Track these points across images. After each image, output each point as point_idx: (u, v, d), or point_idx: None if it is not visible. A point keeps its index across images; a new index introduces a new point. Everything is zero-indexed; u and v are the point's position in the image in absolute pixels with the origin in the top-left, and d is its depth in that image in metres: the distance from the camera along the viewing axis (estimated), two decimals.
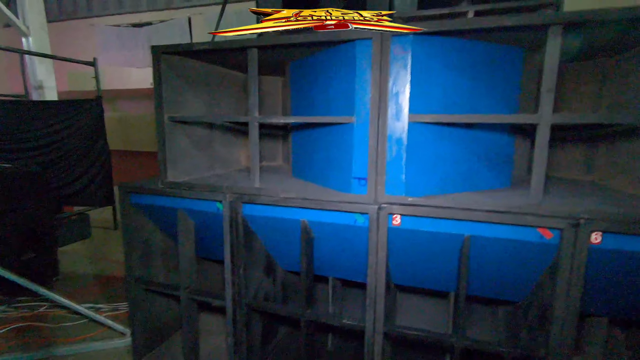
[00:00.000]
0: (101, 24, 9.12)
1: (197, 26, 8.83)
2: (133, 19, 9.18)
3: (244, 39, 1.59)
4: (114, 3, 9.11)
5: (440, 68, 1.47)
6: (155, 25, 9.00)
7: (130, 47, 9.24)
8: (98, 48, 9.31)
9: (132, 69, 9.41)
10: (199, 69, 1.94)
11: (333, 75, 1.58)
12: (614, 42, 1.48)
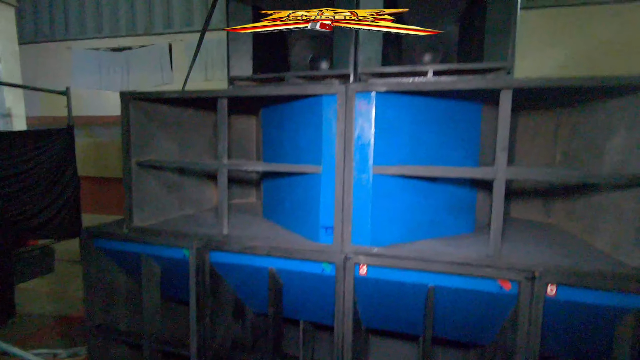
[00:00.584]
0: (78, 47, 9.04)
1: (178, 52, 8.87)
2: (112, 43, 9.15)
3: (214, 89, 1.62)
4: (92, 27, 9.08)
5: (403, 121, 1.53)
6: (134, 50, 8.99)
7: (109, 70, 9.17)
8: (74, 71, 9.19)
9: (109, 92, 9.30)
10: (170, 112, 1.95)
11: (302, 125, 1.62)
12: (562, 99, 1.60)
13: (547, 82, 1.28)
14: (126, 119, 1.75)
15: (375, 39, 1.61)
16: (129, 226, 1.82)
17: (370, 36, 1.59)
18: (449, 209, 1.74)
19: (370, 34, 1.59)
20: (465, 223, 1.82)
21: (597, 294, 1.32)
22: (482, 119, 1.79)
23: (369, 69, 1.56)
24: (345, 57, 1.57)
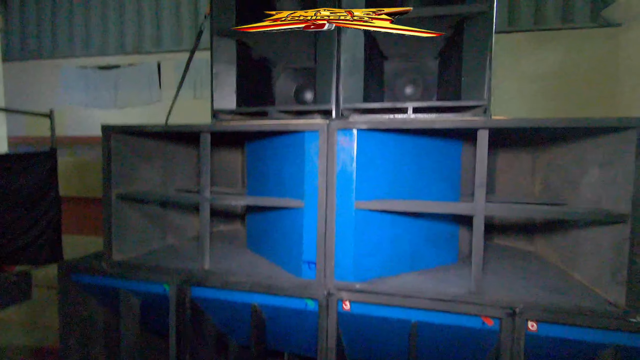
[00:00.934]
0: (66, 65, 9.00)
1: (167, 70, 8.89)
2: (100, 61, 9.13)
3: (197, 124, 1.62)
4: (81, 45, 9.06)
5: (384, 157, 1.55)
6: (123, 69, 8.99)
7: (96, 88, 9.12)
8: (62, 89, 9.11)
9: (96, 111, 9.23)
10: (153, 144, 1.94)
11: (285, 160, 1.62)
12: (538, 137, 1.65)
13: (521, 122, 1.32)
14: (107, 151, 1.73)
15: (356, 72, 1.64)
16: (107, 260, 1.78)
17: (351, 70, 1.63)
18: (431, 240, 1.75)
19: (351, 67, 1.62)
20: (447, 254, 1.83)
21: (576, 330, 1.33)
22: (463, 150, 1.83)
23: (350, 105, 1.58)
24: (328, 92, 1.60)
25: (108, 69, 9.14)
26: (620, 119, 1.25)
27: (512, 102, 7.50)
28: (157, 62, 8.94)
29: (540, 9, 7.45)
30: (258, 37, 1.76)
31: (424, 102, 1.52)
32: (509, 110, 7.39)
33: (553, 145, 1.76)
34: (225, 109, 1.75)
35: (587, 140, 1.48)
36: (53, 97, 9.37)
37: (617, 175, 1.35)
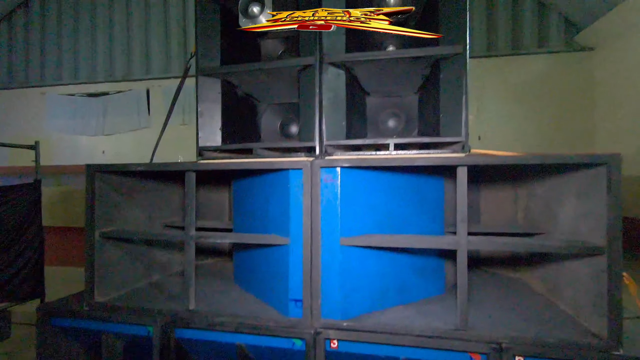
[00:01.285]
0: (53, 92, 8.99)
1: (155, 96, 8.96)
2: (89, 88, 9.17)
3: (181, 162, 1.63)
4: (69, 73, 9.10)
5: (368, 193, 1.57)
6: (112, 95, 9.02)
7: (83, 115, 9.10)
8: (48, 116, 9.07)
9: (83, 138, 9.18)
10: (138, 182, 1.93)
11: (271, 197, 1.64)
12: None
13: (497, 159, 1.36)
14: (91, 191, 1.72)
15: (339, 110, 1.68)
16: (89, 302, 1.73)
17: (334, 108, 1.67)
18: (417, 272, 1.76)
19: (334, 105, 1.67)
20: (434, 285, 1.83)
21: None
22: (447, 181, 1.87)
23: (334, 142, 1.62)
24: (311, 130, 1.63)
25: (96, 95, 9.17)
26: (592, 156, 1.30)
27: (497, 123, 7.73)
28: (146, 89, 9.01)
29: (517, 35, 7.81)
30: (243, 76, 1.80)
31: (404, 138, 1.56)
32: (495, 132, 7.60)
33: (532, 177, 1.82)
34: (210, 146, 1.77)
35: (563, 173, 1.53)
36: (40, 125, 9.31)
37: (592, 207, 1.40)
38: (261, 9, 1.70)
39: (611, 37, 6.81)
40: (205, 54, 1.79)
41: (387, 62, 1.63)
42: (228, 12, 1.84)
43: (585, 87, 7.47)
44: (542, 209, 1.77)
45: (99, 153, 9.26)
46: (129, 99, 8.89)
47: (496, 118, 7.69)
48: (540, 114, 7.58)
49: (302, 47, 1.70)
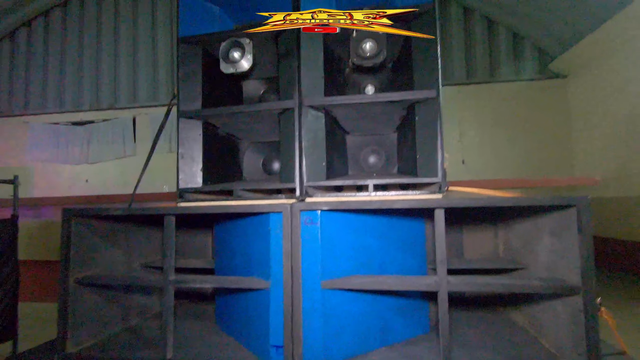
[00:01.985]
0: (36, 121, 8.90)
1: (142, 125, 8.94)
2: (74, 117, 9.11)
3: (161, 206, 1.62)
4: (54, 102, 9.05)
5: (348, 234, 1.58)
6: (97, 124, 8.97)
7: (67, 144, 9.00)
8: (30, 145, 8.94)
9: (66, 166, 9.04)
10: (117, 224, 1.90)
11: (251, 240, 1.62)
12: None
13: (474, 201, 1.39)
14: (67, 236, 1.68)
15: (319, 151, 1.70)
16: (60, 354, 1.65)
17: (314, 150, 1.69)
18: (400, 312, 1.74)
19: (314, 147, 1.69)
20: (418, 324, 1.82)
21: None
22: (427, 219, 1.89)
23: (314, 183, 1.63)
24: (291, 171, 1.64)
25: (81, 124, 9.11)
26: (562, 198, 1.34)
27: (480, 147, 7.93)
28: (132, 117, 9.00)
29: (494, 63, 8.16)
30: (224, 118, 1.83)
31: (383, 179, 1.59)
32: (478, 155, 7.78)
33: (510, 213, 1.85)
34: (191, 187, 1.76)
35: (537, 213, 1.57)
36: (21, 154, 9.14)
37: (566, 246, 1.43)
38: (242, 54, 1.75)
39: (581, 66, 7.17)
40: (187, 97, 1.81)
41: (364, 105, 1.68)
42: (210, 56, 1.88)
43: (561, 112, 7.79)
44: (522, 245, 1.80)
45: (82, 182, 9.12)
46: (114, 127, 8.86)
47: (478, 142, 7.91)
48: (519, 138, 7.83)
49: (282, 90, 1.74)
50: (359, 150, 2.05)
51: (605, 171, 6.60)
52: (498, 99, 8.07)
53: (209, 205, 1.60)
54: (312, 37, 1.73)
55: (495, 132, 7.94)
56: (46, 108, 9.17)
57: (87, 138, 8.91)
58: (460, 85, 7.98)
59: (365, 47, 1.71)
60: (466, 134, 8.08)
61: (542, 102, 7.90)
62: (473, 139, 8.03)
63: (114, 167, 8.92)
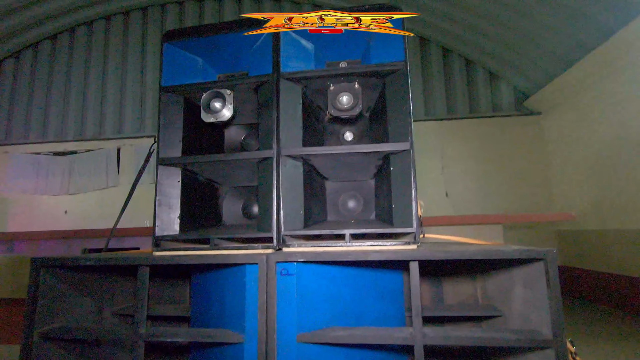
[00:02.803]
0: (17, 151, 8.75)
1: (126, 155, 8.88)
2: (57, 147, 9.00)
3: (136, 256, 1.59)
4: (37, 132, 8.95)
5: (325, 285, 1.57)
6: (80, 154, 8.87)
7: (47, 174, 8.83)
8: (9, 176, 8.73)
9: (44, 197, 8.81)
10: (89, 273, 1.85)
11: (227, 292, 1.60)
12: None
13: (448, 254, 1.42)
14: (34, 287, 1.62)
15: (296, 200, 1.72)
16: None
17: (292, 198, 1.71)
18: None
19: (292, 196, 1.71)
20: None
21: None
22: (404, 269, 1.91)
23: (291, 232, 1.64)
24: (269, 219, 1.65)
25: (64, 154, 8.99)
26: (531, 251, 1.38)
27: (462, 180, 8.11)
28: (117, 147, 8.95)
29: (473, 100, 8.54)
30: (203, 165, 1.85)
31: (360, 229, 1.61)
32: (460, 188, 7.94)
33: (485, 262, 1.89)
34: (167, 235, 1.74)
35: (509, 264, 1.61)
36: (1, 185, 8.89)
37: (537, 297, 1.46)
38: (223, 104, 1.80)
39: (553, 105, 7.58)
40: (167, 144, 1.83)
41: (342, 155, 1.73)
42: (192, 104, 1.93)
43: (538, 147, 8.12)
44: (498, 293, 1.82)
45: (61, 213, 8.90)
46: (98, 158, 8.77)
47: (460, 175, 8.11)
48: (499, 172, 8.07)
49: (261, 140, 1.78)
50: (338, 195, 2.08)
51: (582, 205, 6.81)
52: (477, 134, 8.38)
53: (185, 255, 1.58)
54: (291, 88, 1.80)
55: (476, 165, 8.17)
56: (29, 138, 9.06)
57: (69, 168, 8.78)
58: (442, 120, 8.28)
59: (342, 100, 1.78)
60: (449, 166, 8.29)
61: (519, 137, 8.24)
62: (455, 171, 8.24)
63: (95, 198, 8.75)
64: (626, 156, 5.66)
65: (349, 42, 1.87)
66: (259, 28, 1.57)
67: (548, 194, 7.81)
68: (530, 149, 8.20)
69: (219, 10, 8.80)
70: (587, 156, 6.57)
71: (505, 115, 8.32)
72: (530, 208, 7.73)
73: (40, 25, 8.34)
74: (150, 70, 8.72)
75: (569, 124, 7.09)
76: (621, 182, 5.78)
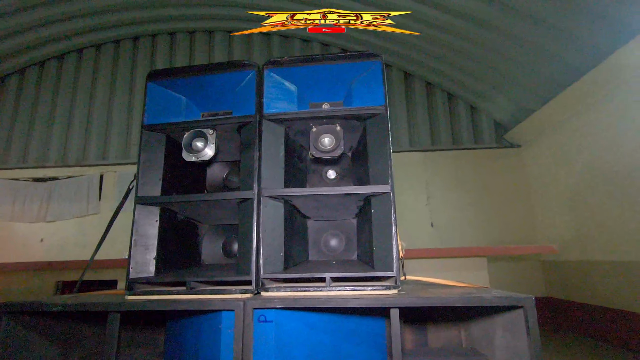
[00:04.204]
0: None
1: (109, 182, 8.71)
2: (37, 173, 8.79)
3: (106, 302, 1.52)
4: (16, 157, 8.74)
5: (303, 331, 1.52)
6: (60, 181, 8.66)
7: (24, 201, 8.56)
8: None
9: (19, 224, 8.50)
10: (55, 319, 1.76)
11: (202, 339, 1.53)
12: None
13: (428, 301, 1.41)
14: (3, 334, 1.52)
15: (277, 239, 1.70)
16: None
17: (272, 237, 1.69)
18: None
19: (272, 233, 1.69)
20: None
21: None
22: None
23: (270, 275, 1.60)
24: (248, 262, 1.62)
25: (44, 180, 8.77)
26: (510, 297, 1.38)
27: (446, 210, 8.20)
28: (99, 174, 8.79)
29: (455, 132, 8.79)
30: (183, 205, 1.82)
31: (340, 271, 1.59)
32: (445, 218, 8.01)
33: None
34: (142, 277, 1.68)
35: (490, 309, 1.60)
36: None
37: (517, 344, 1.44)
38: (205, 144, 1.80)
39: (532, 138, 7.87)
40: (146, 182, 1.81)
41: (323, 196, 1.73)
42: (173, 143, 1.92)
43: (519, 178, 8.34)
44: (481, 336, 1.80)
45: (37, 242, 8.57)
46: (79, 184, 8.57)
47: (445, 205, 8.21)
48: (482, 203, 8.21)
49: (243, 180, 1.78)
50: (320, 234, 2.06)
51: (564, 236, 6.93)
52: (460, 165, 8.58)
53: (159, 300, 1.52)
54: (274, 129, 1.82)
55: (460, 196, 8.30)
56: (7, 163, 8.83)
57: (47, 195, 8.54)
58: (426, 151, 8.46)
59: (323, 142, 1.80)
60: (434, 196, 8.40)
61: (500, 168, 8.46)
62: (440, 201, 8.34)
63: (73, 225, 8.48)
64: (602, 188, 5.86)
65: (332, 84, 1.93)
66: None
67: (531, 224, 7.95)
68: (512, 180, 8.41)
69: (209, 42, 9.00)
70: (566, 188, 6.77)
71: (487, 147, 8.56)
72: (514, 238, 7.83)
73: (28, 52, 8.35)
74: (137, 98, 8.74)
75: (547, 156, 7.35)
76: (598, 214, 5.94)
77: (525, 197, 8.07)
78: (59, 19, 7.77)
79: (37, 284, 5.09)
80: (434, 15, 6.39)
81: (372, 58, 1.78)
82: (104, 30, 8.50)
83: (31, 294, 5.26)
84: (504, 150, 8.36)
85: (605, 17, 4.92)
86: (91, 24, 8.20)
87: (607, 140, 5.70)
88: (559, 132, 6.89)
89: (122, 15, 8.17)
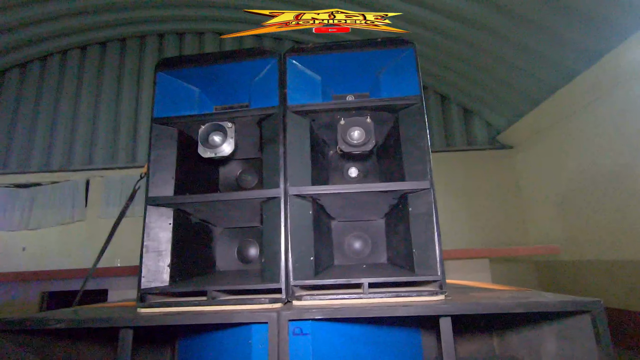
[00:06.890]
0: None
1: (95, 188, 8.35)
2: (18, 179, 8.35)
3: (117, 316, 1.33)
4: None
5: (340, 343, 1.37)
6: (44, 186, 8.25)
7: (5, 208, 8.12)
8: None
9: (2, 232, 8.05)
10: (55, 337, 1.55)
11: (229, 357, 1.36)
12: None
13: (483, 307, 1.27)
14: None
15: (307, 241, 1.55)
16: None
17: (301, 241, 1.53)
18: None
19: (300, 236, 1.53)
20: None
21: None
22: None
23: (301, 282, 1.44)
24: (276, 267, 1.46)
25: (26, 186, 8.35)
26: (574, 302, 1.26)
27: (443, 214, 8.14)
28: (85, 180, 8.44)
29: (449, 134, 8.79)
30: (199, 206, 1.65)
31: (378, 276, 1.44)
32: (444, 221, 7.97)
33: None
34: (155, 287, 1.50)
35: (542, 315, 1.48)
36: None
37: (577, 353, 1.32)
38: (223, 139, 1.64)
39: (524, 140, 7.92)
40: (158, 182, 1.63)
41: (354, 193, 1.59)
42: (186, 138, 1.75)
43: (511, 179, 8.38)
44: (521, 344, 1.67)
45: (19, 250, 8.14)
46: (64, 190, 8.18)
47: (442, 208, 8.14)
48: (476, 204, 8.20)
49: (266, 178, 1.62)
50: (343, 236, 1.92)
51: (556, 236, 6.96)
52: (454, 166, 8.57)
53: (178, 312, 1.34)
54: (299, 122, 1.68)
55: (454, 198, 8.27)
56: None
57: (30, 202, 8.12)
58: None
59: (353, 135, 1.67)
60: None
61: (493, 169, 8.50)
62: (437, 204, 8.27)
63: (58, 233, 8.08)
64: (592, 189, 5.91)
65: (357, 74, 1.80)
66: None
67: (523, 225, 7.98)
68: (505, 181, 8.44)
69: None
70: (557, 189, 6.81)
71: (480, 149, 8.59)
72: (507, 239, 7.84)
73: (10, 53, 7.97)
74: (125, 99, 8.44)
75: (539, 158, 7.40)
76: (590, 215, 5.99)
77: (517, 198, 8.11)
78: (34, 22, 7.43)
79: (20, 294, 4.75)
80: (425, 17, 6.38)
81: (404, 45, 1.66)
82: (90, 31, 8.20)
83: (13, 306, 4.92)
84: (496, 151, 8.40)
85: (596, 20, 4.97)
86: (76, 25, 7.89)
87: (598, 142, 5.76)
88: (550, 133, 6.95)
89: (106, 16, 7.89)
